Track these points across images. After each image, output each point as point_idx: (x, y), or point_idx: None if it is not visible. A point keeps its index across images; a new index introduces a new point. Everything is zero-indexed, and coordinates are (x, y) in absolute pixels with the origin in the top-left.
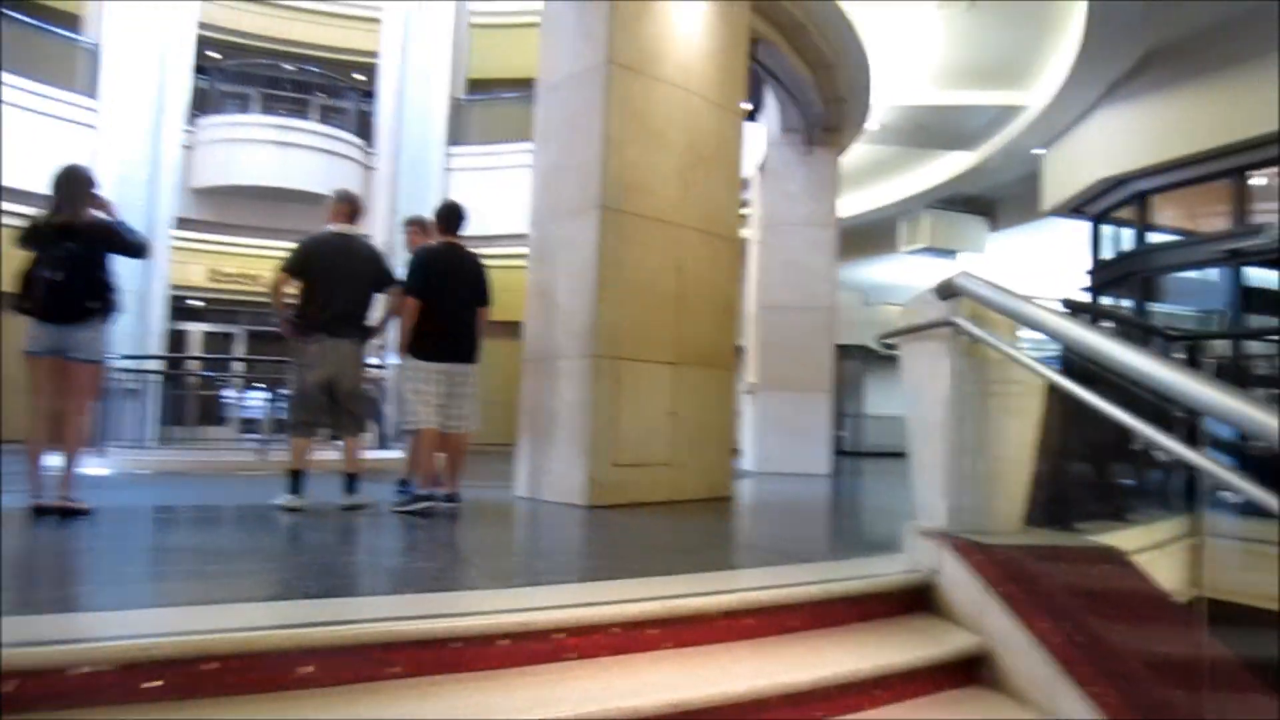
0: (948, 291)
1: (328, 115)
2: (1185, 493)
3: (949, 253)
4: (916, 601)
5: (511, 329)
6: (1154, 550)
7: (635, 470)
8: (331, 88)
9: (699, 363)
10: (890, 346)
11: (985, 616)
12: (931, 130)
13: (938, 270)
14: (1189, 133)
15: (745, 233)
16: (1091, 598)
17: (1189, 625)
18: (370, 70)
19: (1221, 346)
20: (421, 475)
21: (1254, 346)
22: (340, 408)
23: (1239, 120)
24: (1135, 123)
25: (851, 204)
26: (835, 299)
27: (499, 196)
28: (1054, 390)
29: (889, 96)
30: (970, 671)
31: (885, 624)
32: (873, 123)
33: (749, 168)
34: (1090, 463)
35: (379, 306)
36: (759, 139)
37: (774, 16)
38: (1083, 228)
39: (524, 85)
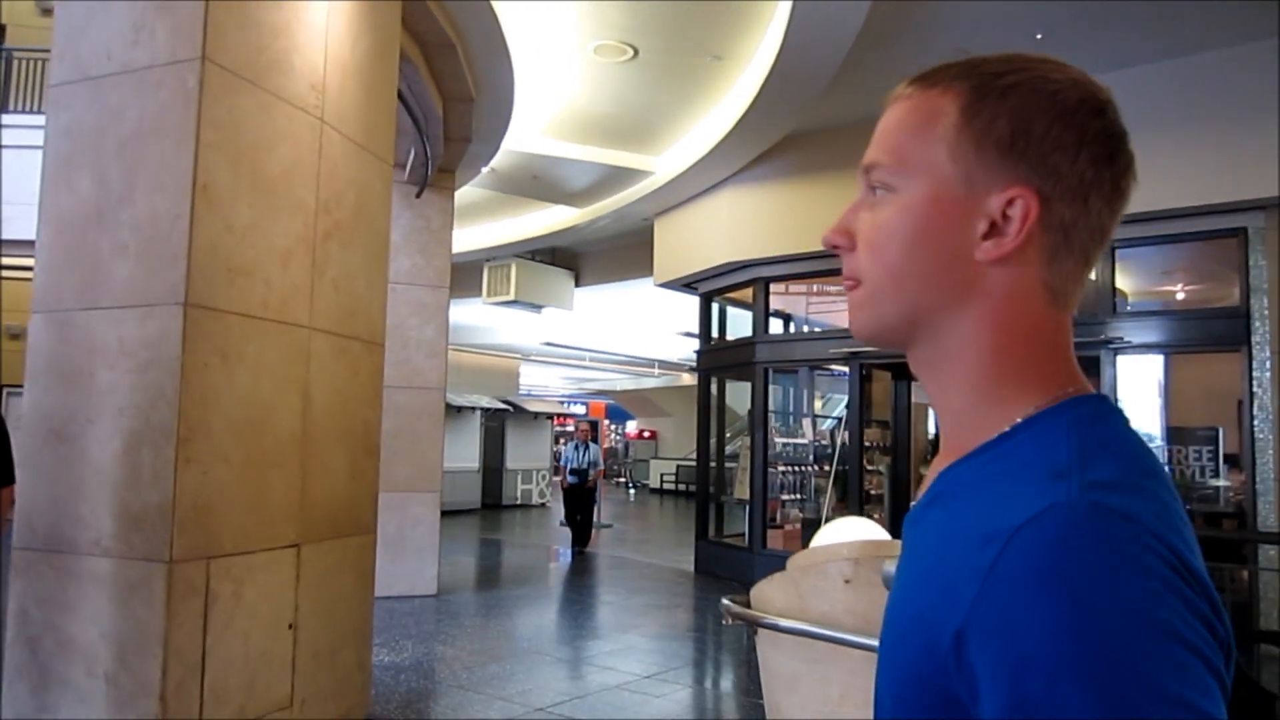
0: None
1: None
2: None
3: (535, 306)
4: None
5: None
6: None
7: None
8: None
9: (332, 534)
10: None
11: None
12: (544, 181)
13: (521, 320)
14: (815, 226)
15: None
16: None
17: None
18: None
19: None
20: None
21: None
22: None
23: None
24: (764, 206)
25: None
26: (445, 378)
27: None
28: None
29: (510, 140)
30: None
31: None
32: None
33: None
34: None
35: None
36: None
37: (421, 29)
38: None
39: None
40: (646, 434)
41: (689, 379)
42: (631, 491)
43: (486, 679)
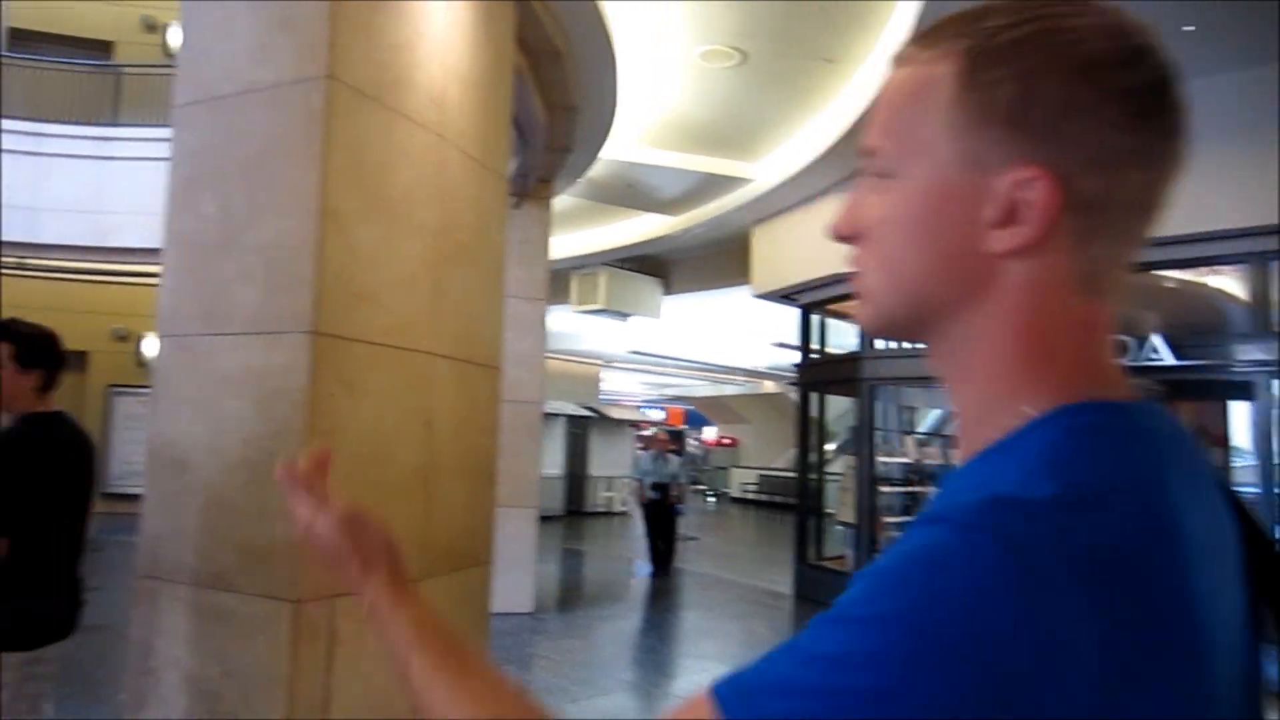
0: None
1: None
2: None
3: (622, 314)
4: None
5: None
6: None
7: None
8: None
9: (450, 566)
10: None
11: None
12: (638, 190)
13: (606, 327)
14: None
15: None
16: None
17: None
18: None
19: None
20: None
21: None
22: None
23: None
24: None
25: None
26: (543, 390)
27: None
28: None
29: (606, 148)
30: None
31: None
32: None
33: None
34: None
35: None
36: None
37: (528, 37)
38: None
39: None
40: (726, 441)
41: (771, 386)
42: (711, 500)
43: (596, 715)
